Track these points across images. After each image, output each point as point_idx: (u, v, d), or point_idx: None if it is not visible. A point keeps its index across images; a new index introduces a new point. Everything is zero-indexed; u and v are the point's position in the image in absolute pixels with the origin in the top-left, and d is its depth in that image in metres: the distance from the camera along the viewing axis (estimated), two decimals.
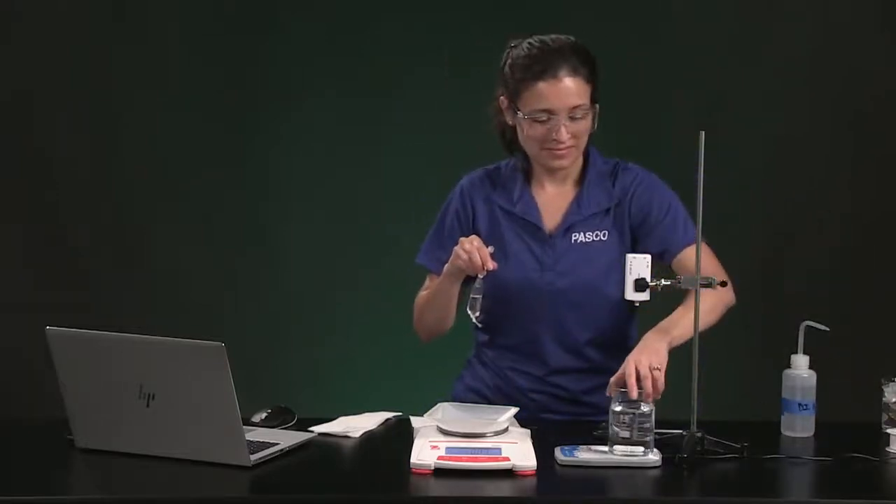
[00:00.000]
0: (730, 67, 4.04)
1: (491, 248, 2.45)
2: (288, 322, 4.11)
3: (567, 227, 2.58)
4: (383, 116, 4.06)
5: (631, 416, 2.16)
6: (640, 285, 2.31)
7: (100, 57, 4.07)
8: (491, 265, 2.43)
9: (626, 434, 2.15)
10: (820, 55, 4.03)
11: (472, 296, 2.46)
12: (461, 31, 4.02)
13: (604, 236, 2.58)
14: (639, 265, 2.31)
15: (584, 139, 2.57)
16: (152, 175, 4.10)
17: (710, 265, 2.50)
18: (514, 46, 2.56)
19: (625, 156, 4.17)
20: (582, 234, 2.58)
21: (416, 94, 4.04)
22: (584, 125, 2.54)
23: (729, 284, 2.49)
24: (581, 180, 2.62)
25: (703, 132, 2.23)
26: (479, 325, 2.57)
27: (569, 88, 2.49)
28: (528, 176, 2.64)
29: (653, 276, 2.31)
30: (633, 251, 2.50)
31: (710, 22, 4.05)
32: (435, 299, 2.61)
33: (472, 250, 2.43)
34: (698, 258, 2.27)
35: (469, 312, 2.47)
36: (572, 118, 2.50)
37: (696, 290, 2.27)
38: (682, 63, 4.03)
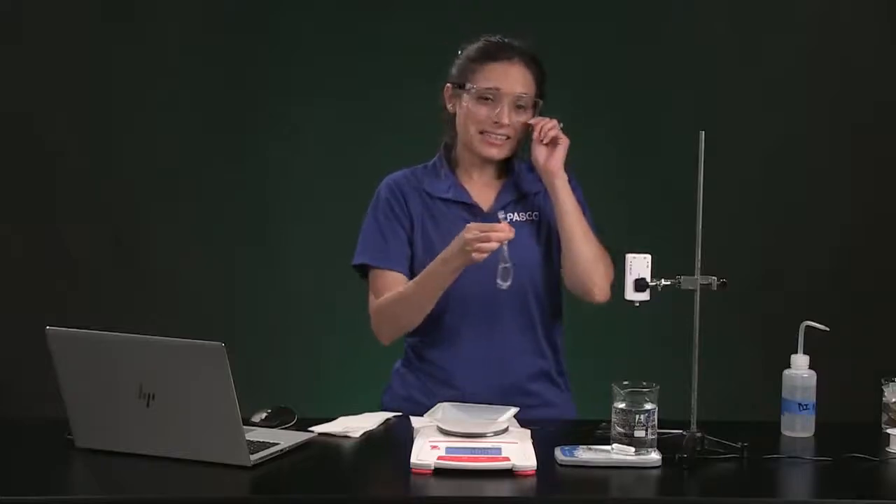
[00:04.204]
0: (730, 67, 4.04)
1: (502, 214, 2.51)
2: (288, 322, 4.11)
3: (501, 206, 2.64)
4: (383, 116, 4.06)
5: (633, 415, 2.16)
6: (640, 285, 2.31)
7: (100, 57, 4.08)
8: (512, 232, 2.41)
9: (627, 433, 2.15)
10: (820, 55, 4.03)
11: (501, 266, 2.43)
12: (461, 32, 4.01)
13: (535, 217, 2.64)
14: (639, 265, 2.31)
15: (519, 136, 2.62)
16: (152, 175, 4.10)
17: None
18: (468, 44, 2.69)
19: (625, 156, 4.18)
20: (515, 213, 2.64)
21: (416, 94, 4.03)
22: (523, 119, 2.60)
23: (609, 279, 2.61)
24: (505, 173, 2.69)
25: (703, 132, 2.24)
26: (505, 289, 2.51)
27: (519, 74, 2.59)
28: (453, 167, 2.69)
29: (653, 276, 2.31)
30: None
31: (709, 22, 4.06)
32: (425, 296, 2.53)
33: (486, 235, 2.39)
34: (698, 258, 2.28)
35: (500, 283, 2.45)
36: (517, 107, 2.58)
37: (696, 290, 2.27)
38: (682, 63, 4.03)
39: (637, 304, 2.38)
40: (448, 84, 2.67)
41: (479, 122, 2.59)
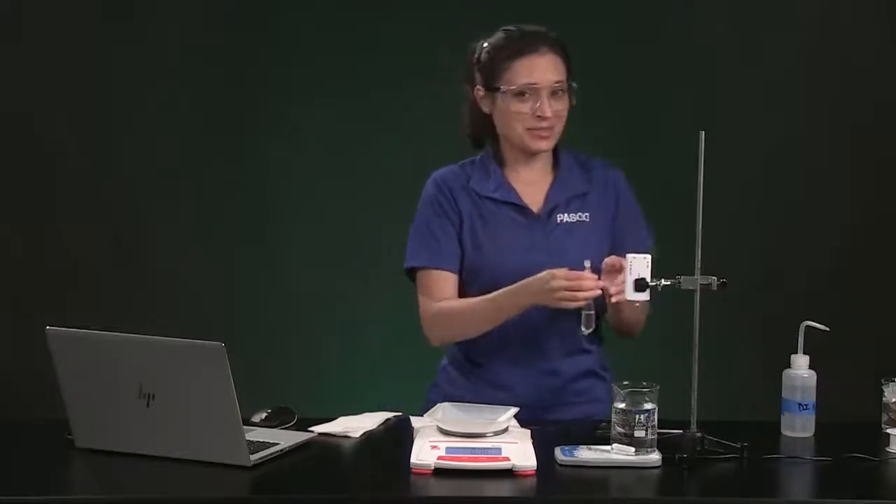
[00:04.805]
0: (730, 67, 4.04)
1: (588, 263, 2.43)
2: (288, 322, 4.10)
3: (551, 207, 2.62)
4: (383, 116, 4.06)
5: (633, 415, 2.16)
6: (640, 285, 2.31)
7: (100, 57, 4.07)
8: (599, 286, 2.41)
9: (627, 433, 2.15)
10: (820, 55, 4.03)
11: (585, 313, 2.44)
12: (461, 31, 4.01)
13: (586, 218, 2.62)
14: (639, 265, 2.31)
15: (563, 123, 2.61)
16: (152, 175, 4.09)
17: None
18: (486, 40, 2.65)
19: (625, 156, 4.16)
20: (566, 214, 2.62)
21: (416, 94, 4.04)
22: (564, 105, 2.59)
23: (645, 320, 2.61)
24: (555, 167, 2.66)
25: (703, 132, 2.24)
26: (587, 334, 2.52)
27: (550, 63, 2.58)
28: (501, 164, 2.66)
29: (653, 276, 2.31)
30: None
31: (709, 22, 4.05)
32: (488, 319, 2.54)
33: (577, 285, 2.40)
34: (698, 258, 2.28)
35: (583, 330, 2.46)
36: (553, 95, 2.56)
37: (696, 290, 2.27)
38: (682, 63, 4.03)
39: (637, 305, 2.39)
40: (478, 87, 2.64)
41: (523, 120, 2.57)
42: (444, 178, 2.67)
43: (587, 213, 2.62)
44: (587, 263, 2.43)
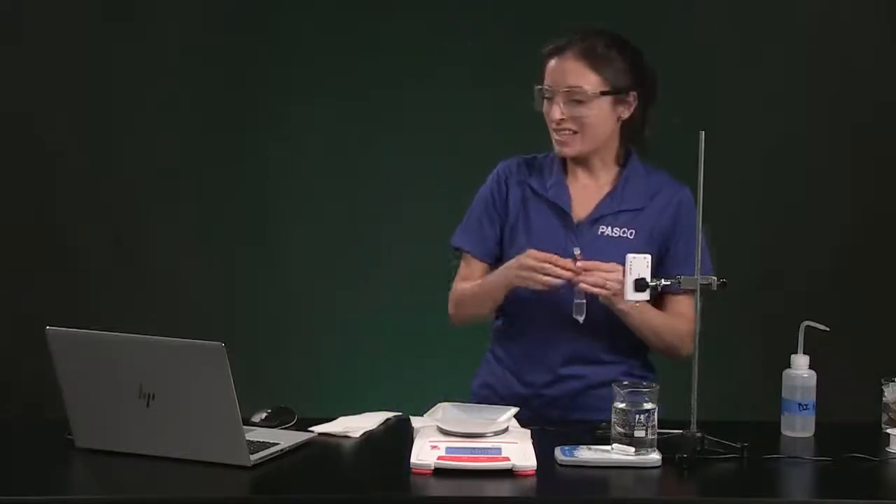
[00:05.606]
0: (730, 67, 4.04)
1: (578, 251, 2.44)
2: (288, 322, 4.10)
3: (596, 218, 2.60)
4: (383, 116, 4.06)
5: (633, 415, 2.16)
6: (640, 285, 2.31)
7: (100, 57, 4.07)
8: (573, 275, 2.42)
9: (627, 433, 2.15)
10: (820, 55, 4.03)
11: (576, 301, 2.44)
12: (461, 32, 4.02)
13: (630, 235, 2.58)
14: (639, 265, 2.31)
15: (592, 131, 2.57)
16: (152, 175, 4.10)
17: (686, 310, 2.52)
18: None
19: None
20: (609, 228, 2.59)
21: (416, 94, 4.04)
22: (587, 112, 2.55)
23: (689, 341, 2.46)
24: (617, 179, 2.64)
25: (703, 132, 2.24)
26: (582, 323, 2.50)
27: (567, 68, 2.56)
28: (564, 165, 2.66)
29: (653, 276, 2.31)
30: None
31: (709, 22, 4.05)
32: (481, 301, 2.62)
33: (545, 269, 2.41)
34: (697, 257, 2.28)
35: (577, 318, 2.45)
36: (574, 102, 2.54)
37: (696, 290, 2.27)
38: (682, 63, 4.03)
39: (637, 305, 2.38)
40: None
41: (549, 123, 2.59)
42: (507, 171, 2.69)
43: (633, 231, 2.58)
44: (577, 251, 2.44)
